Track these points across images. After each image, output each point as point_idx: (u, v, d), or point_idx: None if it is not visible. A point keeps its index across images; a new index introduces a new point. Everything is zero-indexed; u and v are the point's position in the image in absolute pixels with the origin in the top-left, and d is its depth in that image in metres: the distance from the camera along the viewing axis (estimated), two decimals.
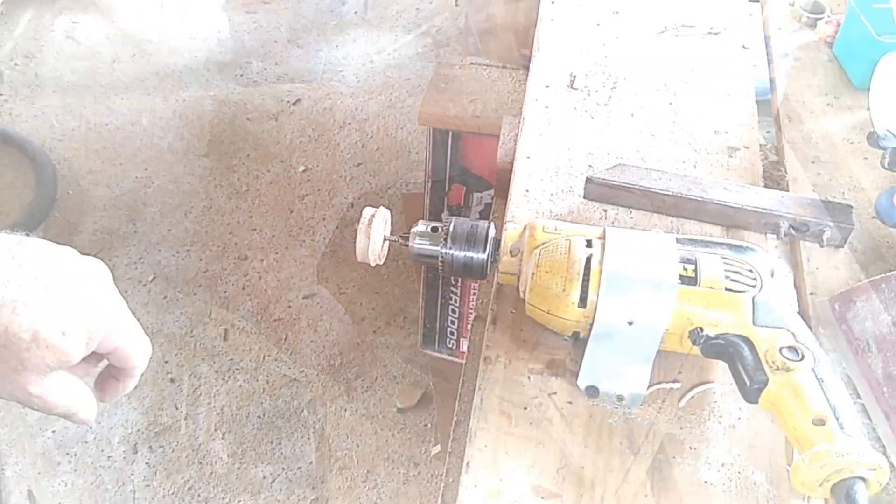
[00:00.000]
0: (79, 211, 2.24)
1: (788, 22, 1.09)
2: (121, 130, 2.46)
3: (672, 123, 0.92)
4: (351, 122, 2.50)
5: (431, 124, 1.32)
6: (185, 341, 1.96)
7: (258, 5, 2.93)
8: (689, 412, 0.66)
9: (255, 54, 2.73)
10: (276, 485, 1.73)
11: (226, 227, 2.21)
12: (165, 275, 2.09)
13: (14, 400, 0.52)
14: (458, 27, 2.82)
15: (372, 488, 1.73)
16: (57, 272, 0.51)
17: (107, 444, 1.78)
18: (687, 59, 1.01)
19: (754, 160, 0.88)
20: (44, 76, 2.62)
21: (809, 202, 0.80)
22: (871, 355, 0.69)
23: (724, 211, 0.80)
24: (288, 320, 2.01)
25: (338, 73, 2.67)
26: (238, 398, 1.86)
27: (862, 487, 0.54)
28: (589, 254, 0.66)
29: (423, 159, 1.45)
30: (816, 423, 0.56)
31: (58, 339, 0.50)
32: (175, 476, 1.73)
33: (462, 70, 1.36)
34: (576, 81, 0.97)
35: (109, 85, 2.60)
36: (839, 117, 0.95)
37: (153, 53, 2.72)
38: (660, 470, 0.63)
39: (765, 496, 0.61)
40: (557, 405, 0.66)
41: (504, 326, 0.72)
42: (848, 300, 0.73)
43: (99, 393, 0.59)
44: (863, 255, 0.80)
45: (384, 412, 1.84)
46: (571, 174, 0.86)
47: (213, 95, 2.58)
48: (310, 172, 2.36)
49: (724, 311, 0.63)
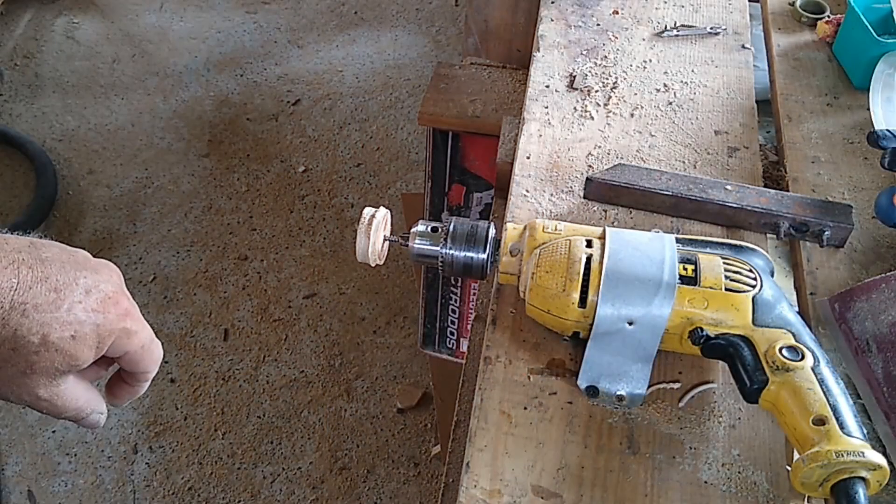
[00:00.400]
0: (79, 211, 2.24)
1: (788, 22, 1.09)
2: (121, 130, 2.46)
3: (672, 123, 0.92)
4: (351, 122, 2.50)
5: (431, 124, 1.32)
6: (185, 341, 1.96)
7: (258, 5, 2.93)
8: (689, 412, 0.66)
9: (255, 54, 2.74)
10: (276, 485, 1.73)
11: (226, 227, 2.21)
12: (165, 275, 2.09)
13: (22, 403, 0.52)
14: (458, 27, 2.82)
15: (372, 488, 1.73)
16: (68, 276, 0.50)
17: (107, 444, 1.78)
18: (687, 59, 1.01)
19: (754, 160, 0.88)
20: (44, 76, 2.62)
21: (809, 202, 0.80)
22: (870, 355, 0.69)
23: (724, 211, 0.80)
24: (288, 320, 2.01)
25: (338, 73, 2.67)
26: (238, 398, 1.86)
27: (862, 487, 0.54)
28: (589, 254, 0.66)
29: (423, 159, 1.45)
30: (816, 423, 0.56)
31: (67, 342, 0.49)
32: (175, 476, 1.73)
33: (462, 70, 1.36)
34: (576, 81, 0.97)
35: (109, 85, 2.60)
36: (839, 117, 0.95)
37: (153, 53, 2.72)
38: (660, 470, 0.63)
39: (765, 496, 0.61)
40: (557, 405, 0.66)
41: (504, 326, 0.72)
42: (848, 300, 0.73)
43: (109, 397, 0.59)
44: (863, 255, 0.80)
45: (384, 412, 1.84)
46: (571, 174, 0.86)
47: (213, 95, 2.58)
48: (310, 172, 2.36)
49: (724, 311, 0.63)
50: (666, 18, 1.07)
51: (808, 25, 1.08)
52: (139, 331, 0.54)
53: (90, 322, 0.50)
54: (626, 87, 0.97)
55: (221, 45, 2.76)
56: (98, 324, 0.51)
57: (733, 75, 0.99)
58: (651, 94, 0.96)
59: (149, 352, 0.56)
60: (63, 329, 0.49)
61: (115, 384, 0.59)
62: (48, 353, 0.49)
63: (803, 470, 0.54)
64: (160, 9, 2.90)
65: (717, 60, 1.01)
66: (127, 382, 0.58)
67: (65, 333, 0.49)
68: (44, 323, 0.48)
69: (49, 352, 0.49)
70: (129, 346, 0.54)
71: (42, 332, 0.48)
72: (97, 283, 0.52)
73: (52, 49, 2.72)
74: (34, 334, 0.48)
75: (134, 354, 0.55)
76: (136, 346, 0.54)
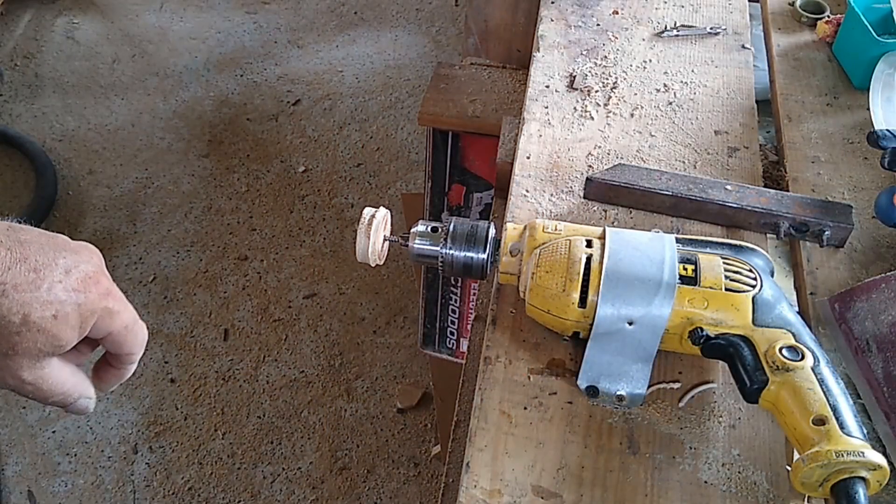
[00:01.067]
0: (79, 211, 2.24)
1: (788, 22, 1.09)
2: (121, 130, 2.46)
3: (672, 123, 0.92)
4: (351, 123, 2.50)
5: (431, 124, 1.32)
6: (185, 341, 1.96)
7: (258, 5, 2.93)
8: (689, 412, 0.66)
9: (255, 54, 2.74)
10: (276, 485, 1.73)
11: (226, 227, 2.21)
12: (165, 275, 2.09)
13: (8, 387, 0.52)
14: (458, 27, 2.82)
15: (372, 488, 1.73)
16: (47, 257, 0.50)
17: (107, 444, 1.78)
18: (687, 59, 1.01)
19: (754, 160, 0.88)
20: (44, 76, 2.62)
21: (809, 202, 0.80)
22: (870, 355, 0.69)
23: (724, 211, 0.80)
24: (288, 320, 2.01)
25: (338, 73, 2.67)
26: (238, 398, 1.86)
27: (862, 487, 0.54)
28: (589, 254, 0.66)
29: (423, 159, 1.44)
30: (816, 423, 0.56)
31: (49, 322, 0.49)
32: (175, 476, 1.73)
33: (462, 70, 1.36)
34: (576, 81, 0.97)
35: (109, 85, 2.60)
36: (839, 117, 0.95)
37: (153, 53, 2.72)
38: (660, 470, 0.63)
39: (765, 496, 0.61)
40: (557, 405, 0.66)
41: (504, 326, 0.72)
42: (848, 300, 0.73)
43: (96, 381, 0.58)
44: (863, 255, 0.80)
45: (384, 412, 1.84)
46: (571, 174, 0.86)
47: (213, 95, 2.58)
48: (310, 172, 2.36)
49: (724, 311, 0.63)
50: (666, 18, 1.07)
51: (808, 25, 1.08)
52: (121, 311, 0.54)
53: (71, 301, 0.50)
54: (626, 87, 0.97)
55: (221, 45, 2.76)
56: (79, 303, 0.51)
57: (733, 75, 0.99)
58: (651, 94, 0.96)
59: (132, 333, 0.56)
60: (44, 309, 0.49)
61: (101, 368, 0.59)
62: (30, 334, 0.49)
63: (803, 470, 0.54)
64: (160, 9, 2.90)
65: (717, 60, 1.01)
66: (113, 366, 0.58)
67: (46, 313, 0.49)
68: (24, 303, 0.48)
69: (31, 332, 0.49)
70: (112, 325, 0.54)
71: (23, 311, 0.48)
72: (77, 263, 0.52)
73: (52, 49, 2.72)
74: (14, 314, 0.48)
75: (117, 335, 0.55)
76: (120, 325, 0.54)
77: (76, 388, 0.55)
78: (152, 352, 1.92)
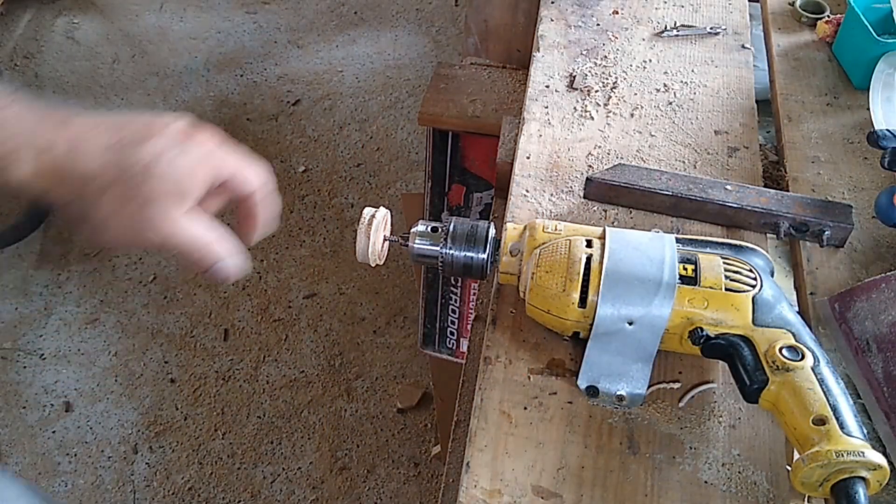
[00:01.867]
0: None
1: (788, 22, 1.09)
2: None
3: (672, 123, 0.92)
4: (351, 122, 2.50)
5: (431, 124, 1.32)
6: (185, 341, 1.96)
7: (258, 5, 2.93)
8: (689, 412, 0.66)
9: (255, 54, 2.73)
10: (276, 485, 1.73)
11: (225, 227, 2.21)
12: (165, 275, 2.09)
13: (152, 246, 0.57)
14: (458, 27, 2.82)
15: (372, 488, 1.73)
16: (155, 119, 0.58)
17: (107, 445, 1.78)
18: (687, 59, 1.01)
19: (754, 160, 0.88)
20: (44, 76, 2.62)
21: (809, 202, 0.80)
22: (871, 355, 0.69)
23: (724, 211, 0.80)
24: (288, 320, 2.01)
25: (338, 73, 2.67)
26: (238, 398, 1.86)
27: (862, 487, 0.54)
28: (589, 254, 0.66)
29: (423, 159, 1.44)
30: (816, 423, 0.56)
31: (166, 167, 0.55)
32: (175, 476, 1.73)
33: (462, 70, 1.36)
34: (576, 81, 0.97)
35: (109, 85, 2.60)
36: (839, 117, 0.95)
37: (153, 54, 2.72)
38: (660, 470, 0.63)
39: (765, 496, 0.61)
40: (557, 405, 0.66)
41: (504, 326, 0.72)
42: (848, 300, 0.73)
43: (242, 235, 0.63)
44: (863, 255, 0.80)
45: (384, 412, 1.84)
46: (571, 174, 0.86)
47: (213, 95, 2.58)
48: (310, 172, 2.36)
49: (724, 311, 0.63)
50: (666, 18, 1.07)
51: (808, 25, 1.08)
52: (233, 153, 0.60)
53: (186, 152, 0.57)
54: (626, 87, 0.97)
55: (221, 46, 2.76)
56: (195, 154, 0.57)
57: (733, 75, 0.99)
58: (651, 94, 0.96)
59: (250, 167, 0.61)
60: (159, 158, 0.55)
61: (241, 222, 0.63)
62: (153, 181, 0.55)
63: (803, 470, 0.54)
64: (160, 9, 2.90)
65: (717, 60, 1.01)
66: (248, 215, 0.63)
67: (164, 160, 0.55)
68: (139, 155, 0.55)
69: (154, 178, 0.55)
70: (232, 167, 0.60)
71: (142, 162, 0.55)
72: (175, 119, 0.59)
73: (52, 49, 2.72)
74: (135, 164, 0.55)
75: (239, 173, 0.60)
76: (238, 165, 0.60)
77: (217, 243, 0.59)
78: (152, 352, 1.93)
